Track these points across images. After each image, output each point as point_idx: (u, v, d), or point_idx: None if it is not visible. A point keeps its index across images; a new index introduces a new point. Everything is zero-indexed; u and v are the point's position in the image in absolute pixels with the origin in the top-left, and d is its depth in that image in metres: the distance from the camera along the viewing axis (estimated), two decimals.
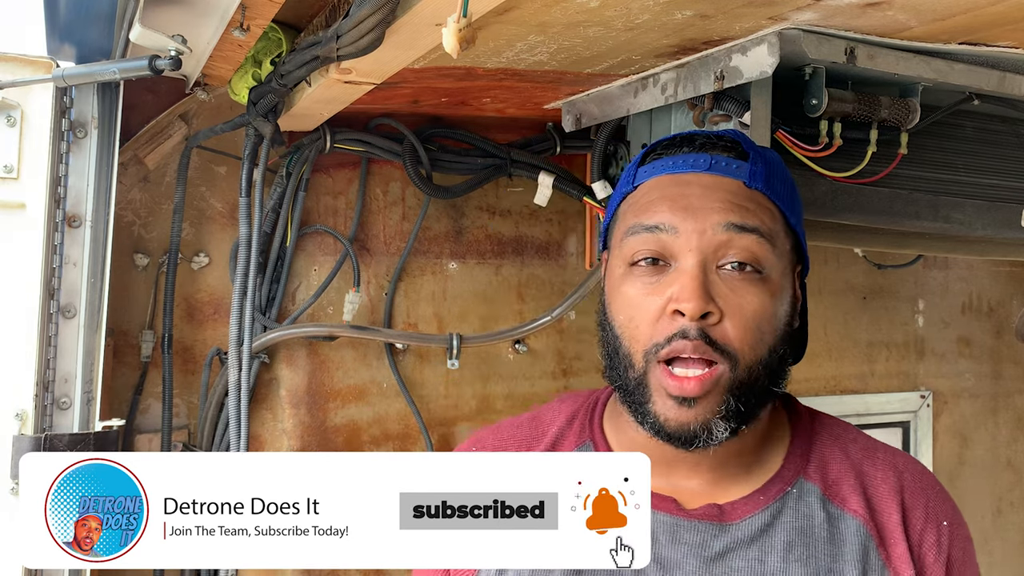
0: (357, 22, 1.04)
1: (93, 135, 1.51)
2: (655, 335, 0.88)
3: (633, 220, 0.93)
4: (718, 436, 0.87)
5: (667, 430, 0.87)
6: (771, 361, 0.90)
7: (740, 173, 0.93)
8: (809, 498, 0.93)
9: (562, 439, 1.01)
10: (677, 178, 0.94)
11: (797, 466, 0.95)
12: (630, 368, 0.90)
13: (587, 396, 1.06)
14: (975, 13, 1.07)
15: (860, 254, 2.45)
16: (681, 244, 0.89)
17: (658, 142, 1.00)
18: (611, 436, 1.00)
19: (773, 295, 0.90)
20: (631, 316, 0.90)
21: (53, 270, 1.49)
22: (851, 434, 1.01)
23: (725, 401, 0.87)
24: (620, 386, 0.92)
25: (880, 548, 0.91)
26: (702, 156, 0.94)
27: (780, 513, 0.92)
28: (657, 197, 0.93)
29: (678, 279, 0.88)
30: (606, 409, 1.03)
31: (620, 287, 0.92)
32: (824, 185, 1.37)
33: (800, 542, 0.90)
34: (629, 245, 0.92)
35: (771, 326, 0.90)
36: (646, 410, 0.89)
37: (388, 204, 1.93)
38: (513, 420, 1.06)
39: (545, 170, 1.91)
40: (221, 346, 1.77)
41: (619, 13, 1.10)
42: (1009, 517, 2.72)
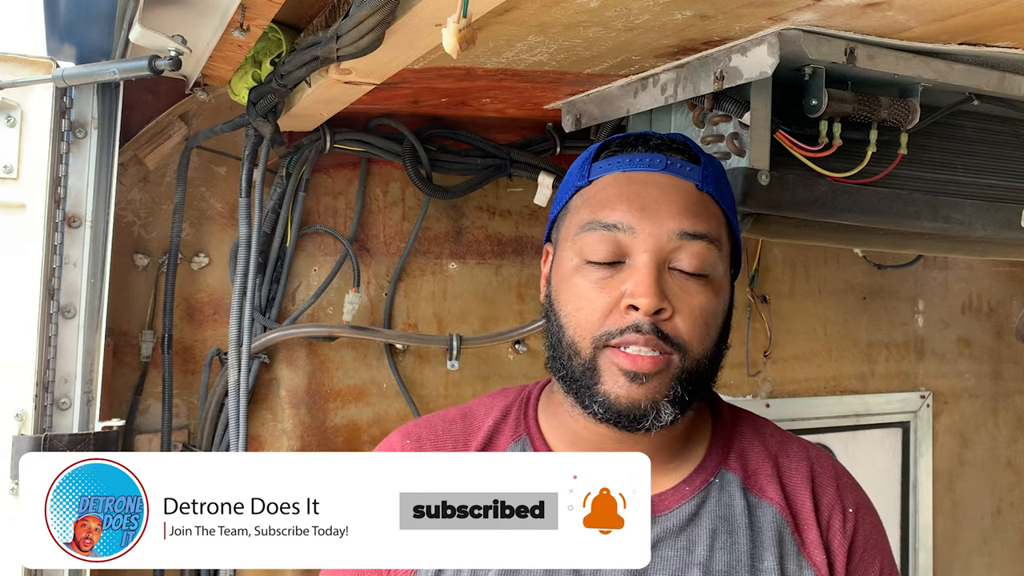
0: (357, 22, 1.04)
1: (93, 135, 1.51)
2: (606, 325, 0.91)
3: (590, 216, 0.95)
4: (664, 418, 0.90)
5: (617, 407, 0.90)
6: (714, 354, 0.95)
7: (693, 176, 0.97)
8: (731, 488, 0.97)
9: (497, 434, 1.02)
10: (633, 176, 0.96)
11: (719, 457, 1.00)
12: (575, 356, 0.93)
13: (519, 391, 1.08)
14: (975, 13, 1.07)
15: (860, 254, 2.45)
16: (637, 244, 0.92)
17: (611, 139, 1.03)
18: (547, 429, 1.02)
19: (717, 294, 0.95)
20: (579, 307, 0.93)
21: (53, 270, 1.49)
22: (768, 428, 1.06)
23: (673, 387, 0.91)
24: (564, 375, 0.95)
25: (795, 534, 0.96)
26: (658, 156, 0.97)
27: (705, 503, 0.96)
28: (615, 194, 0.95)
29: (633, 275, 0.91)
30: (540, 402, 1.05)
31: (571, 278, 0.95)
32: (824, 185, 1.37)
33: (724, 530, 0.94)
34: (585, 241, 0.94)
35: (715, 322, 0.95)
36: (595, 392, 0.91)
37: (388, 204, 1.93)
38: (443, 414, 1.08)
39: (545, 170, 1.91)
40: (221, 346, 1.77)
41: (619, 13, 1.10)
42: (1009, 517, 2.72)
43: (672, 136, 1.01)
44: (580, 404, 0.93)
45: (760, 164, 1.31)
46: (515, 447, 1.01)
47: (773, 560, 0.93)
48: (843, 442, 2.41)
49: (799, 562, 0.94)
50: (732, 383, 2.25)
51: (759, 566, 0.92)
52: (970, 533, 2.64)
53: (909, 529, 2.52)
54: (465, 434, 1.03)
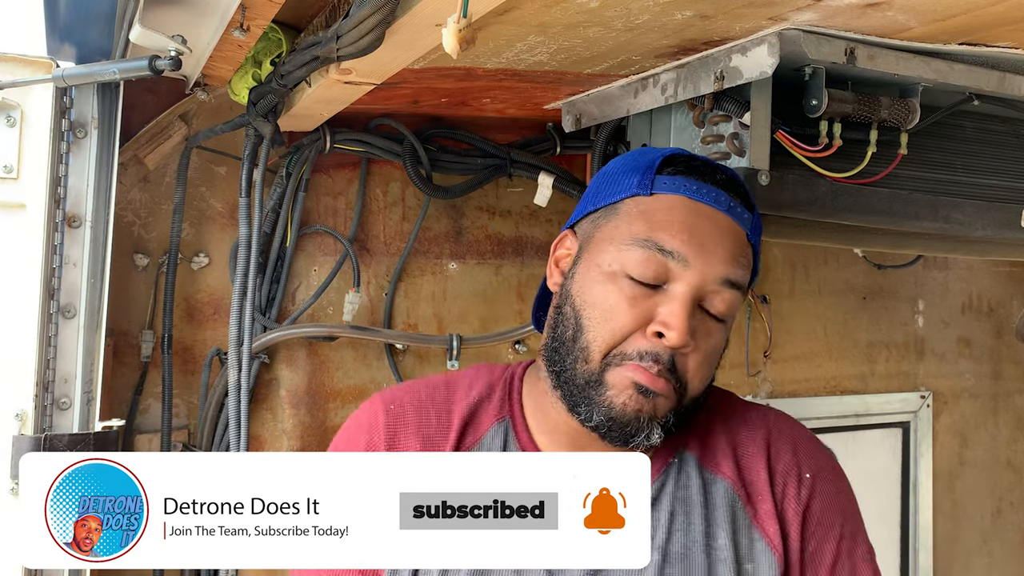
0: (357, 22, 1.04)
1: (93, 135, 1.51)
2: (625, 345, 0.91)
3: (647, 232, 0.94)
4: (653, 439, 0.91)
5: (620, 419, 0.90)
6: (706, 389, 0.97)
7: (747, 224, 0.98)
8: (688, 467, 0.98)
9: (481, 410, 1.02)
10: (699, 207, 0.96)
11: (679, 439, 0.99)
12: (583, 362, 0.93)
13: (503, 370, 1.07)
14: (975, 13, 1.07)
15: (860, 254, 2.45)
16: (686, 275, 0.92)
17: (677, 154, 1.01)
18: (530, 414, 1.02)
19: (726, 334, 0.97)
20: (607, 317, 0.92)
21: (53, 270, 1.49)
22: (732, 401, 1.07)
23: (668, 416, 0.92)
24: (567, 377, 0.94)
25: (748, 507, 0.96)
26: (723, 194, 0.97)
27: (664, 485, 0.96)
28: (679, 220, 0.95)
29: (671, 305, 0.91)
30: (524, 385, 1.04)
31: (605, 283, 0.94)
32: (824, 185, 1.37)
33: (681, 511, 0.94)
34: (634, 255, 0.93)
35: (716, 361, 0.97)
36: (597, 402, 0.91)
37: (388, 204, 1.93)
38: (428, 380, 1.07)
39: (545, 170, 1.91)
40: (221, 346, 1.77)
41: (619, 13, 1.10)
42: (1009, 517, 2.72)
43: (734, 175, 1.01)
44: (573, 409, 0.93)
45: (760, 164, 1.31)
46: (497, 428, 1.00)
47: (726, 537, 0.93)
48: (843, 442, 2.41)
49: (750, 534, 0.94)
50: (732, 383, 2.25)
51: (713, 544, 0.93)
52: (970, 533, 2.64)
53: (909, 529, 2.52)
54: (448, 403, 1.02)
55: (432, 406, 1.02)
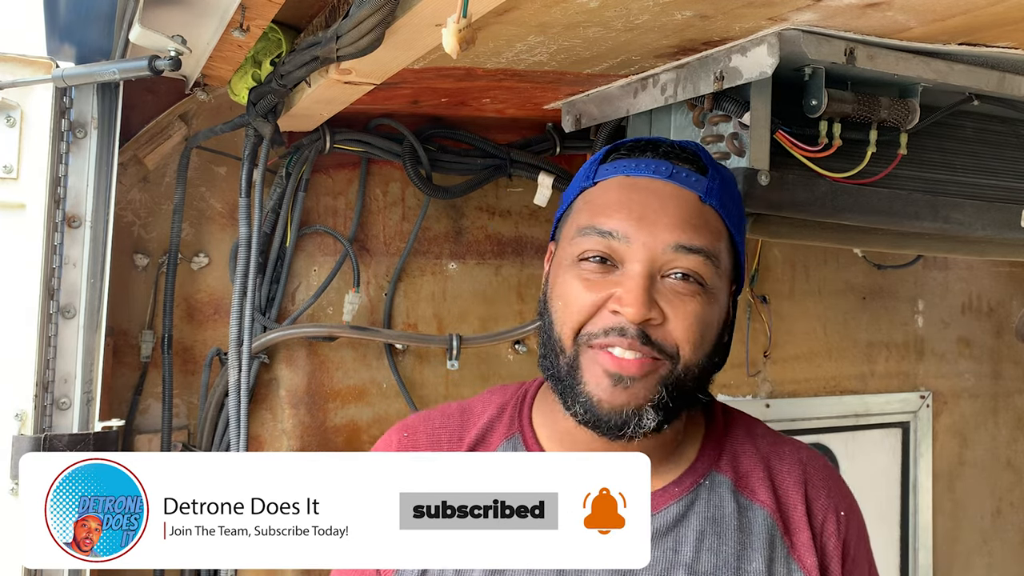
0: (357, 22, 1.04)
1: (93, 135, 1.51)
2: (590, 325, 0.91)
3: (587, 220, 0.95)
4: (647, 424, 0.90)
5: (598, 412, 0.90)
6: (706, 365, 0.94)
7: (698, 186, 0.96)
8: (721, 489, 0.97)
9: (491, 431, 1.03)
10: (636, 182, 0.96)
11: (710, 459, 0.99)
12: (561, 353, 0.93)
13: (516, 388, 1.08)
14: (975, 14, 1.07)
15: (860, 254, 2.45)
16: (632, 252, 0.91)
17: (622, 142, 1.02)
18: (540, 428, 1.02)
19: (712, 305, 0.94)
20: (567, 303, 0.93)
21: (53, 270, 1.49)
22: (759, 429, 1.06)
23: (658, 391, 0.90)
24: (552, 374, 0.95)
25: (785, 536, 0.96)
26: (664, 163, 0.96)
27: (693, 504, 0.96)
28: (614, 200, 0.95)
29: (624, 282, 0.90)
30: (536, 400, 1.05)
31: (563, 275, 0.95)
32: (824, 185, 1.37)
33: (711, 531, 0.94)
34: (579, 244, 0.94)
35: (710, 332, 0.94)
36: (577, 392, 0.91)
37: (388, 204, 1.93)
38: (444, 408, 1.08)
39: (545, 170, 1.91)
40: (221, 346, 1.77)
41: (619, 13, 1.10)
42: (1009, 517, 2.72)
43: (685, 144, 1.00)
44: (564, 404, 0.93)
45: (760, 164, 1.31)
46: (507, 445, 1.01)
47: (761, 562, 0.93)
48: (843, 442, 2.41)
49: (788, 564, 0.94)
50: (732, 383, 2.25)
51: (746, 567, 0.92)
52: (970, 533, 2.64)
53: (909, 529, 2.52)
54: (460, 429, 1.03)
55: (444, 432, 1.03)
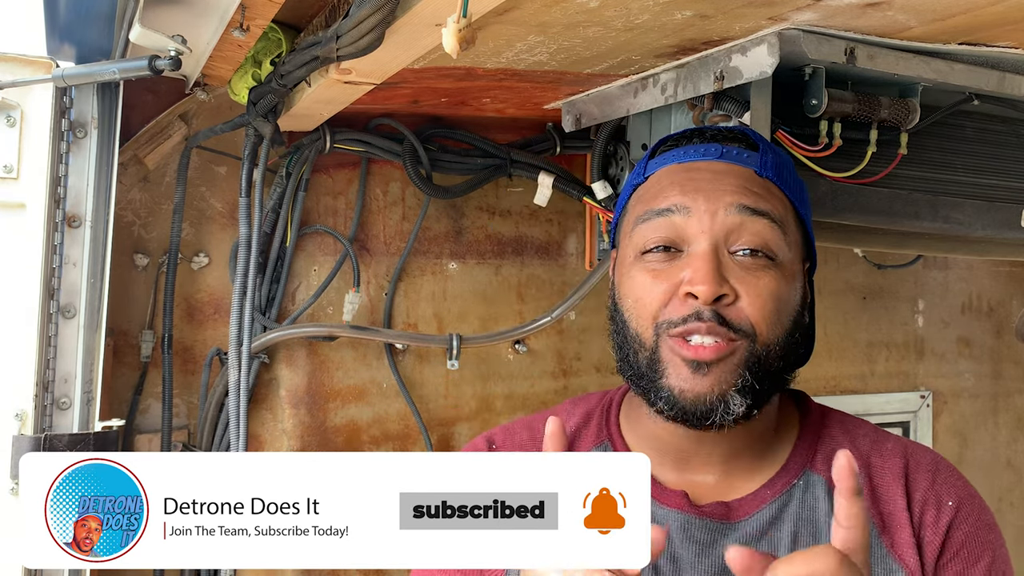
0: (357, 22, 1.04)
1: (93, 135, 1.51)
2: (667, 314, 0.87)
3: (643, 208, 0.93)
4: (734, 410, 0.86)
5: (682, 403, 0.86)
6: (787, 343, 0.90)
7: (751, 162, 0.93)
8: (815, 490, 0.92)
9: (579, 439, 1.00)
10: (687, 166, 0.94)
11: (804, 458, 0.95)
12: (641, 348, 0.89)
13: (601, 396, 1.05)
14: (975, 13, 1.07)
15: (860, 254, 2.45)
16: (693, 226, 0.88)
17: (668, 136, 1.01)
18: (628, 434, 0.99)
19: (786, 280, 0.89)
20: (639, 297, 0.90)
21: (53, 270, 1.49)
22: (862, 428, 1.01)
23: (741, 375, 0.86)
24: (632, 373, 0.92)
25: (883, 535, 0.90)
26: (713, 146, 0.94)
27: (787, 506, 0.91)
28: (667, 183, 0.93)
29: (690, 263, 0.87)
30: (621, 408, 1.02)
31: (630, 272, 0.92)
32: (824, 185, 1.37)
33: (806, 532, 0.90)
34: (640, 233, 0.92)
35: (787, 308, 0.90)
36: (659, 386, 0.88)
37: (388, 204, 1.93)
38: (527, 420, 1.06)
39: (545, 170, 1.91)
40: (221, 346, 1.77)
41: (619, 13, 1.10)
42: (1009, 517, 2.71)
43: (731, 127, 0.98)
44: (648, 402, 0.90)
45: None
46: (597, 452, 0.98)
47: None
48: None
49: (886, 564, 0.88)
50: None
51: None
52: None
53: None
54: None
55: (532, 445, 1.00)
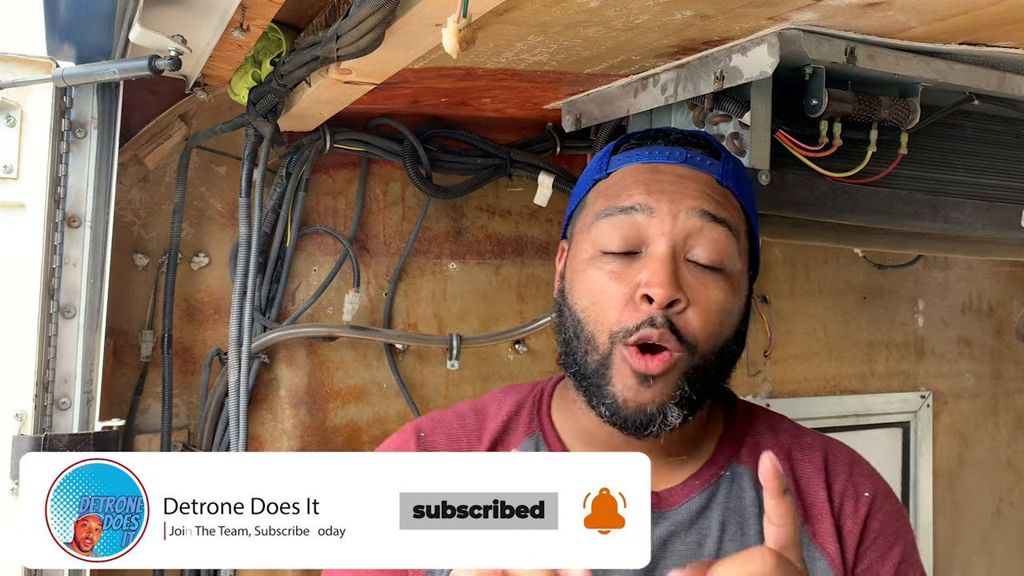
0: (357, 22, 1.04)
1: (93, 135, 1.51)
2: (623, 320, 0.89)
3: (606, 204, 0.94)
4: (671, 421, 0.89)
5: (624, 413, 0.89)
6: (724, 354, 0.93)
7: (713, 170, 0.95)
8: (742, 480, 0.96)
9: (510, 429, 1.02)
10: (652, 166, 0.95)
11: (730, 451, 0.99)
12: (592, 351, 0.91)
13: (532, 387, 1.07)
14: (975, 13, 1.07)
15: (860, 254, 2.45)
16: (655, 226, 0.90)
17: (632, 133, 1.02)
18: (560, 425, 1.01)
19: (733, 291, 0.92)
20: (596, 300, 0.91)
21: (53, 270, 1.48)
22: (783, 424, 1.05)
23: (680, 386, 0.89)
24: (577, 371, 0.93)
25: (806, 525, 0.94)
26: (677, 149, 0.96)
27: (714, 496, 0.95)
28: (632, 182, 0.94)
29: (648, 265, 0.89)
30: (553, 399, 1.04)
31: (586, 271, 0.93)
32: (824, 185, 1.37)
33: (733, 521, 0.93)
34: (600, 229, 0.93)
35: (729, 320, 0.92)
36: (604, 392, 0.90)
37: (388, 204, 1.93)
38: (456, 409, 1.07)
39: (545, 170, 1.91)
40: (221, 346, 1.77)
41: (619, 13, 1.10)
42: (1009, 517, 2.72)
43: (694, 132, 1.00)
44: (589, 403, 0.92)
45: (760, 164, 1.31)
46: (527, 443, 1.00)
47: None
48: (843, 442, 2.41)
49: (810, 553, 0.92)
50: (732, 383, 2.24)
51: None
52: (970, 533, 2.64)
53: None
54: (478, 429, 1.02)
55: (463, 432, 1.02)
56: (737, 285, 0.93)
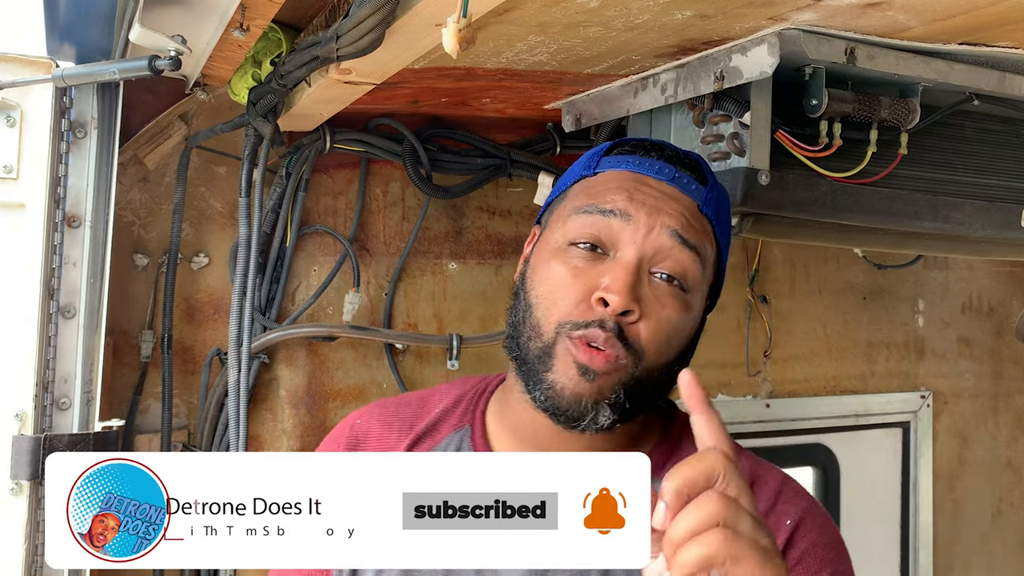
0: (357, 22, 1.04)
1: (93, 135, 1.51)
2: (573, 314, 0.90)
3: (586, 201, 0.95)
4: (601, 420, 0.89)
5: (558, 400, 0.89)
6: (668, 369, 0.93)
7: (697, 195, 0.96)
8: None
9: (442, 421, 1.03)
10: (640, 177, 0.96)
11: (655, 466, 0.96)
12: (536, 338, 0.92)
13: (478, 381, 1.08)
14: (975, 13, 1.08)
15: (860, 254, 2.45)
16: (628, 234, 0.91)
17: (628, 139, 1.03)
18: (492, 420, 1.02)
19: (688, 312, 0.93)
20: (553, 290, 0.92)
21: (53, 270, 1.48)
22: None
23: (616, 392, 0.89)
24: (519, 355, 0.94)
25: None
26: (667, 166, 0.97)
27: None
28: (616, 186, 0.95)
29: (613, 270, 0.90)
30: (494, 395, 1.04)
31: (550, 260, 0.94)
32: (824, 185, 1.37)
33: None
34: (576, 223, 0.94)
35: (678, 339, 0.93)
36: (542, 378, 0.90)
37: (388, 204, 1.93)
38: (406, 397, 1.09)
39: (545, 170, 1.91)
40: (221, 346, 1.77)
41: (619, 13, 1.10)
42: (1009, 517, 2.72)
43: (688, 152, 1.01)
44: (526, 387, 0.93)
45: (760, 164, 1.31)
46: (453, 437, 1.01)
47: None
48: (843, 442, 2.41)
49: None
50: (732, 383, 2.26)
51: None
52: (970, 533, 2.65)
53: (909, 529, 2.52)
54: (413, 418, 1.04)
55: (397, 420, 1.04)
56: (693, 309, 0.94)
